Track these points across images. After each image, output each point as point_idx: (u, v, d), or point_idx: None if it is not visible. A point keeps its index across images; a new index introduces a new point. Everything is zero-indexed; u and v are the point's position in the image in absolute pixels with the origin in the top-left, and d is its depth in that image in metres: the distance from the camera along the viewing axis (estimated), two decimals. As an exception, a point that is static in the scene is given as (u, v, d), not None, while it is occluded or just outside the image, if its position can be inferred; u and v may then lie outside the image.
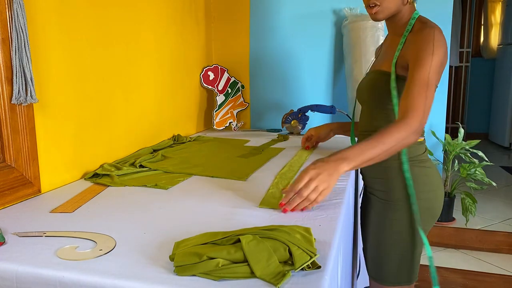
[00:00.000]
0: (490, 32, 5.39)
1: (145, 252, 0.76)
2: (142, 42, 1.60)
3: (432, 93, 1.06)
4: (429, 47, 1.07)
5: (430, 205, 1.24)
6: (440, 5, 2.05)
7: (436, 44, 1.07)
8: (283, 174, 1.27)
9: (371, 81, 1.27)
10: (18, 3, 0.97)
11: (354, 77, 2.06)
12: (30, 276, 0.71)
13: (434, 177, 1.26)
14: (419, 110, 1.03)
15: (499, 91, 5.04)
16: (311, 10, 2.19)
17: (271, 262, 0.67)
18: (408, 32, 1.17)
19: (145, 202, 1.05)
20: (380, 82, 1.21)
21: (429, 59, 1.06)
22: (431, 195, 1.23)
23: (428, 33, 1.09)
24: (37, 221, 0.92)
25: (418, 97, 1.04)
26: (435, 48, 1.07)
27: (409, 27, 1.17)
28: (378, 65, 1.28)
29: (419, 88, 1.05)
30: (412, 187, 1.17)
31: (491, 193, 3.37)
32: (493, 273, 2.31)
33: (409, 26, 1.17)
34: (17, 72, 0.99)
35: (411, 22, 1.18)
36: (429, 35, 1.09)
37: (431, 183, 1.24)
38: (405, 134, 1.01)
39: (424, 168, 1.24)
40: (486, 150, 3.16)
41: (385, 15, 1.17)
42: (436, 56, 1.07)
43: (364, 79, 1.32)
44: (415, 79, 1.06)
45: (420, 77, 1.06)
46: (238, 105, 2.18)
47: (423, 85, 1.05)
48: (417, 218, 1.17)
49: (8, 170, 1.02)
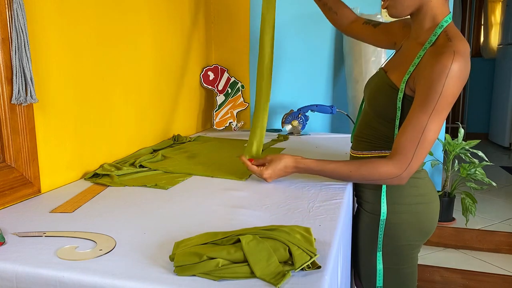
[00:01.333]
0: (490, 32, 5.39)
1: (145, 252, 0.76)
2: (142, 42, 1.60)
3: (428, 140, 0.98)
4: (439, 84, 0.95)
5: (420, 219, 1.15)
6: (440, 5, 2.05)
7: (449, 80, 0.94)
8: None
9: (376, 87, 1.17)
10: (18, 3, 0.97)
11: (354, 77, 2.06)
12: (30, 276, 0.71)
13: (425, 189, 1.17)
14: (407, 157, 1.00)
15: (499, 91, 5.04)
16: (311, 10, 2.18)
17: (271, 262, 0.67)
18: (430, 44, 1.02)
19: (145, 202, 1.05)
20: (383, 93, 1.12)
21: (435, 100, 0.95)
22: (420, 208, 1.15)
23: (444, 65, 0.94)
24: (37, 221, 0.92)
25: (410, 144, 0.99)
26: (446, 84, 0.94)
27: (433, 38, 1.01)
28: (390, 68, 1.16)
29: (413, 134, 0.98)
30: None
31: (491, 193, 3.37)
32: (493, 273, 2.31)
33: (433, 36, 1.01)
34: (17, 72, 0.99)
35: (436, 31, 1.01)
36: (445, 67, 0.94)
37: (421, 195, 1.16)
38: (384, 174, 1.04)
39: (412, 179, 1.11)
40: (486, 150, 3.16)
41: (400, 11, 1.04)
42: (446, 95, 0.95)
43: (373, 78, 1.22)
44: (414, 120, 0.99)
45: (419, 120, 0.98)
46: (238, 105, 2.18)
47: (418, 131, 0.98)
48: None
49: (8, 170, 1.02)
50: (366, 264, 1.22)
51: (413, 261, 1.20)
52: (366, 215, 1.22)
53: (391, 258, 1.18)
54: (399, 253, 1.18)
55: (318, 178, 1.18)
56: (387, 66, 1.19)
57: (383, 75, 1.15)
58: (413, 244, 1.18)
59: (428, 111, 0.97)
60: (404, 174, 1.02)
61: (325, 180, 1.20)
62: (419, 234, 1.17)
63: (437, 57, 0.97)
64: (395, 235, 1.16)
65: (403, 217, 1.15)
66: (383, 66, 1.22)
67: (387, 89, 1.11)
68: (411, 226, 1.15)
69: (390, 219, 1.15)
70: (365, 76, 2.00)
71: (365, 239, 1.22)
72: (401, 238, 1.16)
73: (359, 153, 1.22)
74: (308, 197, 1.07)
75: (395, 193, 1.15)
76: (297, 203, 1.03)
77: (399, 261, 1.18)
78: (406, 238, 1.16)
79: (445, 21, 1.03)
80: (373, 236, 1.18)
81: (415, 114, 0.99)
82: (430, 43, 1.02)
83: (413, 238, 1.17)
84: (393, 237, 1.16)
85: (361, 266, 1.25)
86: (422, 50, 1.03)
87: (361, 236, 1.24)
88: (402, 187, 1.13)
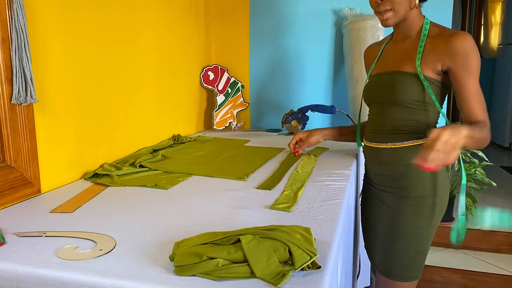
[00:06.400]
0: (490, 32, 5.39)
1: (145, 252, 0.76)
2: (142, 42, 1.60)
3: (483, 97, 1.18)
4: (475, 54, 1.15)
5: (443, 201, 1.27)
6: (440, 5, 2.05)
7: (477, 49, 1.16)
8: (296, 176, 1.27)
9: (392, 81, 1.25)
10: (18, 3, 0.97)
11: (354, 77, 2.06)
12: (30, 276, 0.71)
13: (443, 175, 1.29)
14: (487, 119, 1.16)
15: (499, 91, 5.03)
16: (311, 10, 2.18)
17: (271, 262, 0.67)
18: (426, 37, 1.21)
19: (145, 202, 1.05)
20: (403, 82, 1.21)
21: (478, 68, 1.16)
22: (444, 191, 1.27)
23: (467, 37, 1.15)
24: (37, 221, 0.92)
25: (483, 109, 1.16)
26: (477, 53, 1.16)
27: (425, 32, 1.22)
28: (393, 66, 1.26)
29: (481, 100, 1.16)
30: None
31: (491, 193, 3.37)
32: (493, 273, 2.31)
33: (425, 30, 1.22)
34: (17, 72, 0.99)
35: (425, 26, 1.23)
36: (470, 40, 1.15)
37: (443, 180, 1.27)
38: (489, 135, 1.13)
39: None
40: (486, 150, 3.14)
41: (395, 20, 1.20)
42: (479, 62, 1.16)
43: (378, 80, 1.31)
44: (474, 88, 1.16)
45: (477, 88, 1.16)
46: (238, 105, 2.18)
47: (480, 96, 1.16)
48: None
49: (8, 170, 1.02)
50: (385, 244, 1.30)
51: (429, 242, 1.29)
52: (394, 197, 1.27)
53: (414, 239, 1.25)
54: (424, 233, 1.26)
55: (318, 178, 1.18)
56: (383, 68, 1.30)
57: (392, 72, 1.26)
58: (436, 224, 1.27)
59: (477, 77, 1.16)
60: None
61: (325, 180, 1.20)
62: (441, 214, 1.28)
63: (454, 36, 1.16)
64: (425, 215, 1.24)
65: (443, 198, 1.26)
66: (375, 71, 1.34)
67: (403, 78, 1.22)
68: (438, 207, 1.25)
69: (423, 201, 1.24)
70: (365, 76, 2.00)
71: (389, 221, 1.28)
72: (429, 218, 1.25)
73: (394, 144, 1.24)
74: (308, 197, 1.07)
75: (440, 176, 1.25)
76: (297, 203, 1.03)
77: (419, 241, 1.26)
78: (432, 218, 1.25)
79: (427, 18, 1.24)
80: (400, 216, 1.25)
81: (471, 85, 1.15)
82: (425, 36, 1.22)
83: (437, 218, 1.27)
84: (423, 217, 1.24)
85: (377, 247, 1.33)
86: (421, 41, 1.21)
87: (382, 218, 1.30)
88: (433, 174, 1.23)
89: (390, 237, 1.28)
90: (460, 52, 1.15)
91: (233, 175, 1.27)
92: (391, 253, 1.29)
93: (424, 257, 1.29)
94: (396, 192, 1.26)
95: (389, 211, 1.28)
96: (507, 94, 4.74)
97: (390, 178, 1.28)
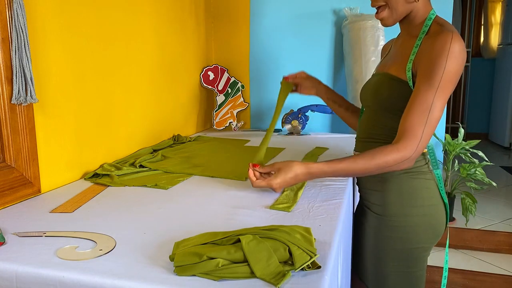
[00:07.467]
0: (490, 32, 5.39)
1: (145, 252, 0.76)
2: (142, 42, 1.60)
3: (435, 117, 0.98)
4: (442, 59, 0.97)
5: (432, 222, 1.15)
6: (440, 5, 2.05)
7: (450, 55, 0.97)
8: None
9: (377, 84, 1.17)
10: (18, 3, 0.97)
11: (354, 77, 2.06)
12: (30, 276, 0.71)
13: (435, 191, 1.16)
14: (416, 137, 0.98)
15: (499, 91, 5.04)
16: (311, 10, 2.18)
17: (271, 262, 0.67)
18: (424, 34, 1.07)
19: (145, 202, 1.05)
20: (386, 86, 1.12)
21: (439, 76, 0.97)
22: (432, 210, 1.15)
23: (444, 41, 0.98)
24: (37, 221, 0.92)
25: (418, 123, 0.98)
26: (448, 59, 0.97)
27: (425, 29, 1.08)
28: (386, 67, 1.18)
29: (420, 112, 0.98)
30: None
31: (491, 193, 3.37)
32: (493, 273, 2.31)
33: (425, 27, 1.08)
34: (17, 72, 0.99)
35: (427, 23, 1.08)
36: (445, 43, 0.98)
37: (431, 197, 1.15)
38: (394, 161, 0.98)
39: (424, 180, 1.14)
40: (486, 150, 3.16)
41: (394, 19, 1.10)
42: (448, 70, 0.97)
43: (370, 81, 1.23)
44: (419, 99, 0.98)
45: (425, 98, 0.98)
46: (238, 105, 2.18)
47: (425, 109, 0.97)
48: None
49: (8, 170, 1.02)
50: (374, 266, 1.21)
51: (423, 264, 1.18)
52: (374, 217, 1.19)
53: (402, 261, 1.16)
54: (411, 256, 1.16)
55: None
56: (381, 68, 1.21)
57: (381, 73, 1.17)
58: (425, 247, 1.16)
59: (433, 87, 0.98)
60: (414, 155, 0.99)
61: (325, 180, 1.20)
62: (431, 237, 1.16)
63: (436, 37, 1.01)
64: (407, 238, 1.14)
65: (416, 220, 1.13)
66: (376, 71, 1.24)
67: (387, 81, 1.12)
68: (424, 229, 1.14)
69: (403, 221, 1.14)
70: (365, 76, 2.00)
71: (373, 242, 1.20)
72: (413, 241, 1.14)
73: None
74: (308, 197, 1.07)
75: (408, 195, 1.13)
76: (297, 203, 1.03)
77: (409, 264, 1.16)
78: (418, 241, 1.15)
79: (432, 14, 1.10)
80: (382, 238, 1.17)
81: (420, 93, 0.99)
82: (424, 33, 1.08)
83: (425, 241, 1.16)
84: (406, 240, 1.14)
85: (368, 269, 1.23)
86: (418, 40, 1.08)
87: (367, 238, 1.22)
88: (414, 189, 1.13)
89: (375, 258, 1.20)
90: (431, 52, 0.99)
91: (233, 175, 1.27)
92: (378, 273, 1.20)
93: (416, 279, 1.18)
94: (375, 209, 1.19)
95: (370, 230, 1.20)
96: (507, 94, 4.75)
97: (370, 193, 1.21)
